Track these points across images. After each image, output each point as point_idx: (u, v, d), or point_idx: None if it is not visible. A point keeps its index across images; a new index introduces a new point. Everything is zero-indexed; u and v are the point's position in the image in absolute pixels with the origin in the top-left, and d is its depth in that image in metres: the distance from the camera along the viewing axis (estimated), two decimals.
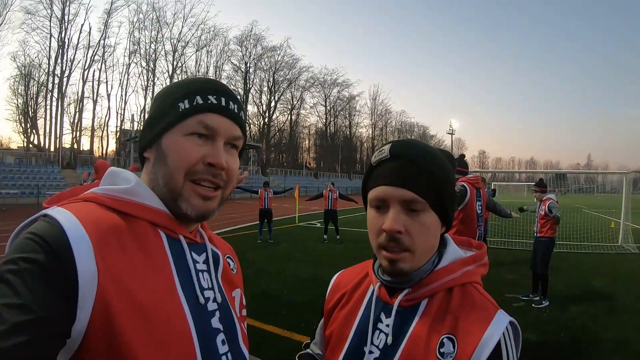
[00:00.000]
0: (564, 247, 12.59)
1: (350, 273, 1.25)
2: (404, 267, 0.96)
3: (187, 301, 0.83)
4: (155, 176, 0.90)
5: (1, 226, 14.42)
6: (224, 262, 1.03)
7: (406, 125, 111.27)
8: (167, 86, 0.97)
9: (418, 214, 0.95)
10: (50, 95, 49.51)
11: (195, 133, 0.88)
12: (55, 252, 0.68)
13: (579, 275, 8.99)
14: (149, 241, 0.83)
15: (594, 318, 6.03)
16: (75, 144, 52.40)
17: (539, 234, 7.10)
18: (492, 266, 5.27)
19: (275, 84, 73.71)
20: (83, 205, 0.81)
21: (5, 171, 30.49)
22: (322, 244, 13.13)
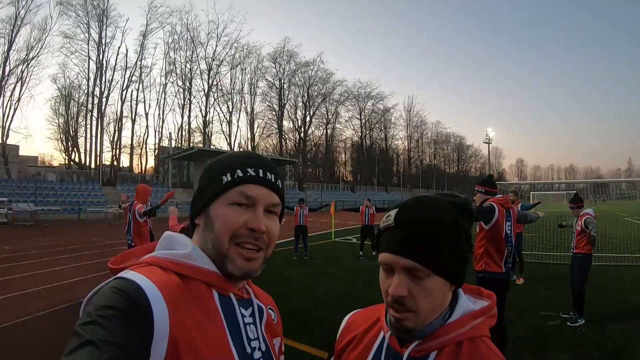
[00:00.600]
0: (604, 260, 12.17)
1: (363, 316, 1.29)
2: (409, 325, 1.01)
3: (237, 351, 0.95)
4: (205, 240, 1.01)
5: (43, 242, 14.96)
6: (267, 314, 1.14)
7: (442, 136, 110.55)
8: (214, 160, 1.11)
9: (421, 280, 0.99)
10: (90, 114, 51.53)
11: (237, 203, 1.00)
12: (137, 304, 0.80)
13: (618, 291, 8.66)
14: (205, 300, 0.95)
15: (629, 337, 5.83)
16: (115, 162, 54.16)
17: (575, 249, 6.97)
18: (527, 282, 5.51)
19: (310, 98, 74.33)
20: (150, 269, 0.92)
21: (47, 188, 31.48)
22: (358, 260, 13.14)
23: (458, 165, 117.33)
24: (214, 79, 62.22)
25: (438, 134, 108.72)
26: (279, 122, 70.65)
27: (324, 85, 75.73)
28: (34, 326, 6.15)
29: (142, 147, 59.02)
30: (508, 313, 5.64)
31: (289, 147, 73.41)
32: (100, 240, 16.70)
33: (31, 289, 8.21)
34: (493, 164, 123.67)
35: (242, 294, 1.06)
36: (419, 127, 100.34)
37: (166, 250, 1.01)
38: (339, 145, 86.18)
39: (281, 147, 70.47)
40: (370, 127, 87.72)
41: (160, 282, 0.87)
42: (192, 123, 61.95)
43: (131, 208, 7.60)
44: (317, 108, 75.94)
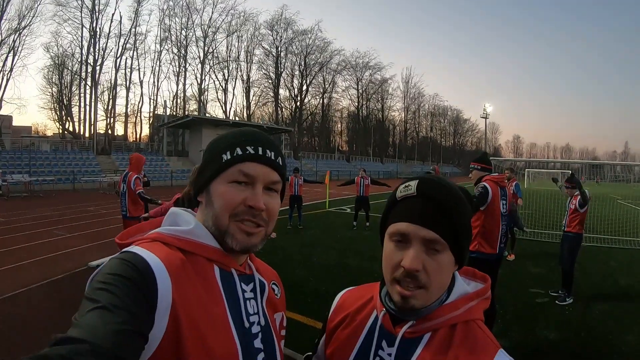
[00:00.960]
0: (594, 241, 12.24)
1: (355, 294, 1.29)
2: (416, 303, 0.99)
3: (234, 325, 0.97)
4: (206, 216, 1.04)
5: (38, 212, 14.92)
6: (269, 289, 1.17)
7: (439, 109, 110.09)
8: (215, 138, 1.11)
9: (437, 254, 0.98)
10: (84, 83, 50.76)
11: (236, 180, 1.02)
12: (143, 275, 0.84)
13: (607, 273, 8.75)
14: (206, 275, 0.98)
15: (617, 319, 5.91)
16: (110, 130, 53.55)
17: (566, 228, 7.03)
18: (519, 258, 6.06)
19: (307, 67, 73.40)
20: (154, 244, 0.95)
21: (42, 158, 31.21)
22: (351, 231, 13.25)
23: (454, 139, 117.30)
24: (210, 47, 61.43)
25: (435, 107, 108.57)
26: (275, 90, 70.00)
27: (322, 54, 74.79)
28: (31, 297, 6.18)
29: (137, 115, 58.55)
30: (498, 288, 5.73)
31: (284, 115, 72.81)
32: (95, 209, 16.69)
33: (27, 261, 8.22)
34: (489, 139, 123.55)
35: (243, 269, 1.08)
36: (417, 99, 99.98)
37: (171, 226, 1.04)
38: (335, 115, 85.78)
39: (277, 115, 69.94)
40: (367, 98, 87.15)
41: (164, 257, 0.90)
42: (187, 91, 61.66)
43: (126, 178, 7.53)
44: (314, 77, 75.24)
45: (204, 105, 60.89)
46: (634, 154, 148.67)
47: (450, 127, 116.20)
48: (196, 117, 42.34)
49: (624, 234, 13.40)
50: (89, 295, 0.78)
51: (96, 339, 0.68)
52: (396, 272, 1.00)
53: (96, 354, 0.66)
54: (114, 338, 0.70)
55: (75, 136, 49.18)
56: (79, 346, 0.66)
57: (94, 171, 32.82)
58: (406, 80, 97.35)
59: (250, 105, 68.06)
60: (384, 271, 1.05)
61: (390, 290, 1.04)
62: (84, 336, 0.68)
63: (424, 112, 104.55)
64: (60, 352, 0.64)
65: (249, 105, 67.92)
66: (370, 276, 7.77)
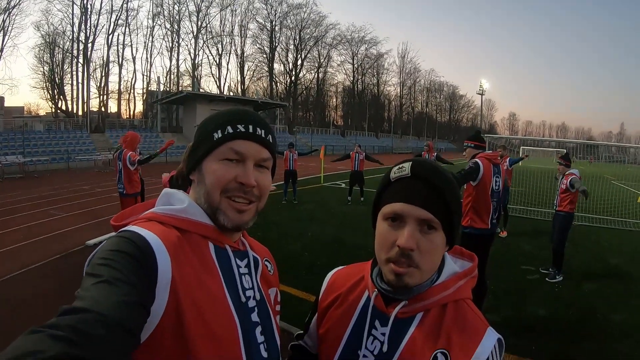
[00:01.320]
0: (586, 220, 12.38)
1: (346, 274, 1.32)
2: (410, 282, 1.02)
3: (232, 300, 1.00)
4: (198, 194, 1.06)
5: (34, 193, 14.81)
6: (263, 265, 1.19)
7: (435, 85, 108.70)
8: (207, 117, 1.13)
9: (430, 234, 1.01)
10: (76, 61, 49.62)
11: (227, 158, 1.04)
12: (142, 251, 0.86)
13: (597, 252, 8.84)
14: (201, 251, 1.00)
15: (605, 298, 6.00)
16: (103, 108, 52.80)
17: (558, 207, 7.09)
18: (511, 235, 6.26)
19: (302, 42, 72.42)
20: (150, 224, 0.97)
21: (35, 138, 30.62)
22: (346, 206, 13.34)
23: (450, 115, 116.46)
24: (203, 21, 60.41)
25: (431, 82, 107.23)
26: (270, 65, 69.07)
27: (317, 28, 73.77)
28: (30, 278, 6.20)
29: (130, 92, 57.56)
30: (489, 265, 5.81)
31: (279, 90, 72.10)
32: (91, 188, 16.62)
33: (24, 242, 8.20)
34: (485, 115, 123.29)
35: (237, 245, 1.12)
36: (412, 74, 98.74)
37: (165, 205, 1.06)
38: (330, 89, 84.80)
39: (272, 90, 69.21)
40: (363, 72, 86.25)
41: (161, 235, 0.93)
42: (180, 66, 60.70)
43: (121, 156, 7.50)
44: (309, 51, 74.29)
45: (198, 80, 60.18)
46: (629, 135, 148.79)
47: (446, 103, 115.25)
48: (190, 92, 41.77)
49: (616, 214, 13.50)
50: (91, 271, 0.80)
51: (102, 309, 0.70)
52: (391, 251, 1.02)
53: (103, 323, 0.68)
54: (119, 309, 0.72)
55: (68, 115, 48.19)
56: (86, 315, 0.68)
57: (88, 149, 32.38)
58: (402, 55, 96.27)
59: (244, 80, 67.43)
60: (377, 251, 1.07)
61: (384, 270, 1.07)
62: (90, 307, 0.70)
63: (420, 87, 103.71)
64: (68, 321, 0.65)
65: (243, 80, 67.28)
66: (364, 250, 7.84)
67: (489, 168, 4.97)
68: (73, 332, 0.64)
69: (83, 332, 0.65)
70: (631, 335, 4.94)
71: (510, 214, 11.09)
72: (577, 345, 4.65)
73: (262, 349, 1.05)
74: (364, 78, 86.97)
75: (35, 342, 0.60)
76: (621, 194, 17.38)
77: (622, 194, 17.32)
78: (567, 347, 4.59)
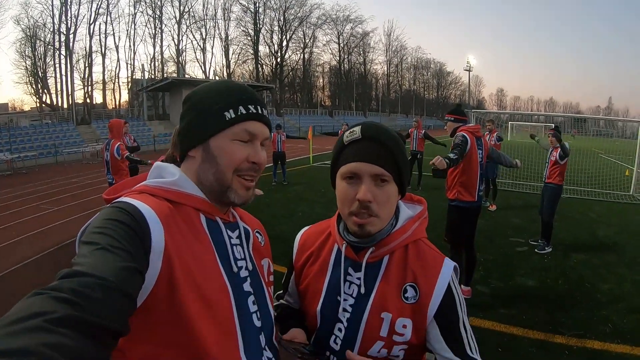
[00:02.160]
0: (575, 193, 12.49)
1: (315, 232, 1.45)
2: (371, 230, 1.17)
3: (224, 270, 1.03)
4: (205, 173, 1.07)
5: (24, 189, 14.65)
6: (254, 236, 1.23)
7: (422, 62, 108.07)
8: (204, 91, 1.13)
9: (384, 186, 1.15)
10: (58, 53, 48.55)
11: (240, 139, 1.07)
12: (136, 220, 0.88)
13: (586, 224, 8.95)
14: (193, 223, 1.03)
15: (594, 268, 6.09)
16: (88, 99, 51.92)
17: (547, 179, 7.13)
18: (500, 209, 6.51)
19: (286, 22, 71.56)
20: (142, 196, 0.98)
21: (22, 134, 29.99)
22: None
23: (438, 92, 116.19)
24: (186, 6, 59.54)
25: (418, 60, 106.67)
26: (255, 47, 68.39)
27: (301, 8, 72.82)
28: (25, 274, 6.17)
29: (115, 81, 56.73)
30: (479, 238, 5.87)
31: (265, 72, 71.57)
32: (80, 180, 16.48)
33: (18, 238, 8.14)
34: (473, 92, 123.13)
35: (228, 217, 1.14)
36: (399, 51, 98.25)
37: (156, 179, 1.08)
38: (317, 69, 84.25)
39: (257, 73, 68.70)
40: (349, 52, 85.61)
41: (153, 206, 0.95)
42: (164, 53, 59.85)
43: (109, 147, 7.37)
44: (294, 32, 73.52)
45: (183, 66, 59.40)
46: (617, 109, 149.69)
47: (433, 80, 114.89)
48: (175, 79, 41.11)
49: (605, 187, 13.63)
50: (87, 239, 0.81)
51: (102, 274, 0.71)
52: (352, 206, 1.16)
53: (102, 287, 0.69)
54: (117, 274, 0.74)
55: (53, 108, 47.36)
56: (86, 279, 0.69)
57: (75, 142, 31.74)
58: (388, 33, 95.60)
59: (230, 63, 66.80)
60: (340, 207, 1.22)
61: (348, 222, 1.21)
62: (89, 271, 0.71)
63: (407, 65, 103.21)
64: (69, 284, 0.66)
65: (229, 63, 66.67)
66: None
67: (473, 141, 4.98)
68: (75, 295, 0.65)
69: (85, 294, 0.66)
70: (618, 302, 5.05)
71: (500, 187, 11.18)
72: (566, 313, 4.73)
73: (255, 318, 1.07)
74: (350, 57, 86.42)
75: (40, 304, 0.61)
76: (609, 167, 17.47)
77: (611, 167, 17.41)
78: (557, 316, 4.66)
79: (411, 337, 1.15)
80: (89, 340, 0.62)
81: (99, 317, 0.65)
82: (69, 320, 0.60)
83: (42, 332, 0.56)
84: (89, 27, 50.30)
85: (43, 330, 0.56)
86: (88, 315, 0.64)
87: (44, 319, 0.58)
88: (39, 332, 0.56)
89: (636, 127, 14.11)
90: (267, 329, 1.12)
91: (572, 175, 13.49)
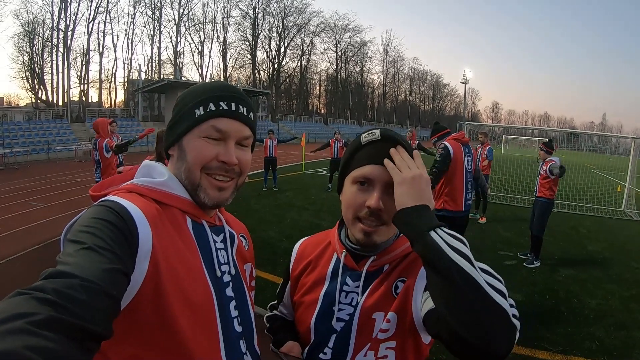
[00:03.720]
0: (566, 207, 12.52)
1: (313, 242, 1.40)
2: (378, 239, 1.12)
3: (208, 274, 1.01)
4: (178, 170, 1.06)
5: (13, 185, 14.55)
6: (239, 240, 1.21)
7: (419, 73, 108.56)
8: (187, 91, 1.13)
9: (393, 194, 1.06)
10: (56, 50, 48.63)
11: (209, 136, 1.04)
12: (124, 220, 0.86)
13: (575, 238, 8.95)
14: (180, 225, 1.01)
15: (582, 283, 6.06)
16: (84, 97, 51.76)
17: (537, 193, 7.10)
18: (490, 222, 5.68)
19: (285, 29, 71.57)
20: (130, 195, 0.96)
21: (15, 129, 29.92)
22: (326, 192, 13.36)
23: (433, 103, 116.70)
24: (185, 8, 59.71)
25: (415, 71, 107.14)
26: (253, 52, 68.45)
27: (300, 15, 72.93)
28: (10, 270, 6.11)
29: (111, 80, 56.79)
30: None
31: (262, 78, 71.71)
32: (71, 178, 16.39)
33: (4, 233, 8.06)
34: (468, 104, 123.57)
35: (214, 221, 1.13)
36: (396, 62, 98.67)
37: (145, 178, 1.05)
38: (314, 77, 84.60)
39: (254, 78, 68.78)
40: (346, 60, 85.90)
41: (142, 206, 0.93)
42: (162, 54, 60.01)
43: (96, 146, 7.40)
44: (292, 39, 73.68)
45: (180, 68, 59.37)
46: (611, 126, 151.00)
47: (429, 92, 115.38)
48: (172, 80, 41.14)
49: (596, 202, 13.63)
50: (73, 237, 0.79)
51: (86, 275, 0.70)
52: (359, 211, 1.11)
53: (87, 288, 0.68)
54: (102, 275, 0.72)
55: (48, 105, 47.30)
56: (70, 280, 0.67)
57: (68, 140, 31.71)
58: (386, 43, 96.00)
59: (227, 67, 66.89)
60: (345, 212, 1.17)
61: (352, 229, 1.16)
62: (74, 272, 0.69)
63: (404, 75, 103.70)
64: (53, 285, 0.65)
65: (226, 68, 66.74)
66: None
67: (458, 149, 4.96)
68: (59, 296, 0.63)
69: (69, 296, 0.64)
70: (605, 318, 4.99)
71: (490, 200, 11.16)
72: (552, 329, 4.68)
73: (236, 323, 1.07)
74: (348, 66, 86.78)
75: (23, 305, 0.60)
76: (601, 182, 17.52)
77: (602, 183, 17.47)
78: (542, 332, 4.60)
79: (395, 331, 1.10)
80: (72, 342, 0.60)
81: (83, 319, 0.63)
82: (52, 323, 0.59)
83: (24, 334, 0.54)
84: (88, 25, 50.43)
85: (25, 332, 0.55)
86: (71, 318, 0.62)
87: (27, 320, 0.56)
88: (22, 334, 0.54)
89: (629, 144, 14.22)
90: (248, 334, 1.11)
91: (563, 189, 13.56)
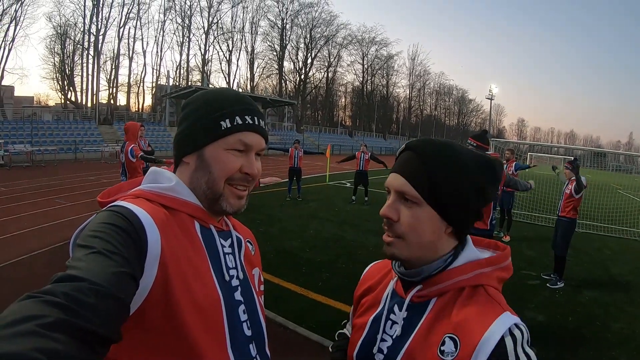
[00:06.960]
0: (590, 228, 12.24)
1: (379, 266, 1.34)
2: (395, 252, 1.03)
3: (216, 278, 1.03)
4: (198, 180, 1.08)
5: (40, 182, 14.85)
6: (245, 245, 1.23)
7: (445, 88, 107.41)
8: (202, 99, 1.13)
9: (412, 206, 1.00)
10: (87, 53, 49.71)
11: (235, 149, 1.08)
12: (133, 225, 0.88)
13: (600, 260, 8.77)
14: (188, 229, 1.03)
15: (605, 307, 5.95)
16: (112, 100, 52.81)
17: (560, 212, 7.00)
18: (514, 240, 6.00)
19: (312, 40, 71.84)
20: (138, 200, 0.98)
21: (44, 128, 30.54)
22: (350, 205, 13.29)
23: (458, 119, 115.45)
24: (215, 17, 60.41)
25: (441, 85, 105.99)
26: (280, 62, 68.85)
27: (327, 27, 73.11)
28: (33, 264, 6.27)
29: (140, 85, 57.78)
30: None
31: (288, 88, 71.91)
32: (96, 179, 16.64)
33: (28, 229, 8.26)
34: (494, 120, 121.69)
35: (221, 226, 1.15)
36: (422, 76, 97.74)
37: (152, 184, 1.08)
38: (340, 89, 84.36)
39: (281, 88, 69.06)
40: (372, 73, 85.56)
41: (150, 211, 0.94)
42: (190, 61, 60.61)
43: (123, 149, 7.53)
44: (319, 50, 73.82)
45: (208, 76, 59.75)
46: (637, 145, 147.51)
47: (455, 107, 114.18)
48: (199, 87, 41.28)
49: (621, 223, 13.32)
50: (83, 242, 0.81)
51: (96, 279, 0.71)
52: (384, 221, 1.05)
53: (96, 292, 0.69)
54: (111, 279, 0.73)
55: (77, 106, 48.13)
56: (80, 284, 0.69)
57: (95, 141, 32.24)
58: (412, 57, 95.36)
59: (254, 77, 67.22)
60: None
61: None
62: (84, 276, 0.71)
63: (429, 90, 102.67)
64: (62, 289, 0.67)
65: (253, 77, 67.09)
66: (364, 249, 7.91)
67: None
68: (68, 300, 0.65)
69: (78, 299, 0.66)
70: (629, 343, 4.92)
71: (514, 219, 11.04)
72: (575, 352, 4.63)
73: (245, 327, 1.08)
74: (374, 79, 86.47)
75: (33, 308, 0.61)
76: (627, 203, 17.15)
77: (629, 204, 17.08)
78: (565, 354, 4.56)
79: None
80: (81, 345, 0.62)
81: (92, 323, 0.65)
82: (61, 325, 0.61)
83: (34, 336, 0.56)
84: (119, 30, 51.73)
85: (35, 334, 0.57)
86: (80, 321, 0.64)
87: (37, 323, 0.58)
88: (32, 336, 0.56)
89: None
90: (258, 338, 1.12)
91: (588, 210, 13.37)
